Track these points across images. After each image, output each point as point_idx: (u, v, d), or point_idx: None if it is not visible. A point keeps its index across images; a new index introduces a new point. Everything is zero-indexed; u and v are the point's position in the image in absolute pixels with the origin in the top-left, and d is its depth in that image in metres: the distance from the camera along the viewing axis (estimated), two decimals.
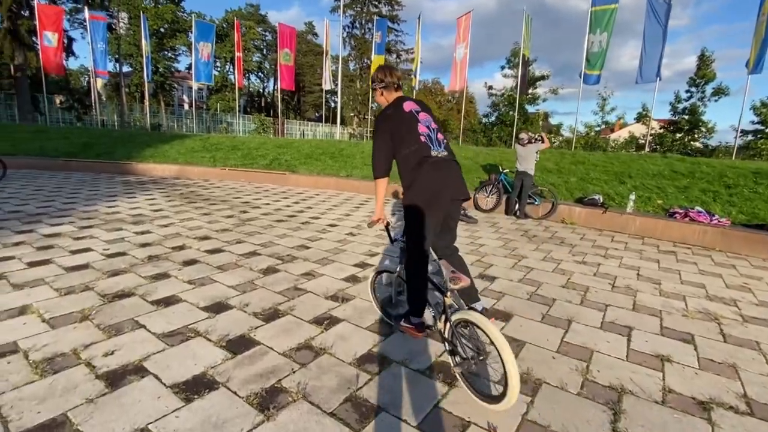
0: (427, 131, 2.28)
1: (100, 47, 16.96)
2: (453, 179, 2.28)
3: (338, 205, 7.95)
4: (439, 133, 2.34)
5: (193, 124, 30.92)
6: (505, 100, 21.36)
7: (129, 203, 6.91)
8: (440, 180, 2.21)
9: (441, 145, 2.31)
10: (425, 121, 2.31)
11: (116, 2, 46.58)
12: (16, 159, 11.21)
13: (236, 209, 6.94)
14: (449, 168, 2.28)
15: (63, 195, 7.37)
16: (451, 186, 2.27)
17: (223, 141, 14.66)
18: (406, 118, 2.29)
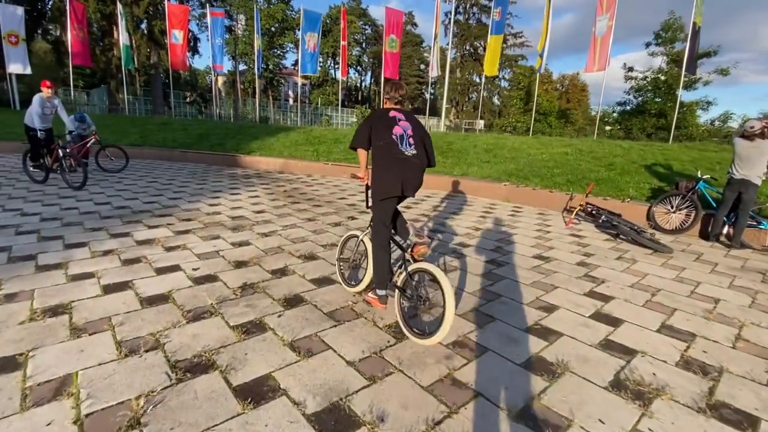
0: (401, 132, 2.68)
1: (218, 42, 17.77)
2: (407, 172, 2.62)
3: (458, 211, 6.46)
4: (412, 138, 2.70)
5: (297, 118, 32.14)
6: (651, 85, 17.53)
7: (232, 201, 6.28)
8: (398, 173, 2.61)
9: (411, 146, 2.68)
10: (403, 126, 2.72)
11: (235, 5, 50.89)
12: (141, 149, 11.87)
13: (343, 214, 5.87)
14: (408, 165, 2.63)
15: (172, 189, 7.09)
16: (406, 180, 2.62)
17: (326, 134, 14.11)
18: (388, 119, 2.72)
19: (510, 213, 6.55)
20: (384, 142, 2.63)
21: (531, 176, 7.83)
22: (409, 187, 2.63)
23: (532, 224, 5.84)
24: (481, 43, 44.13)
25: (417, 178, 2.66)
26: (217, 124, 16.45)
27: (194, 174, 9.11)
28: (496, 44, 14.45)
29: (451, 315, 2.26)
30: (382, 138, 2.64)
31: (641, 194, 6.45)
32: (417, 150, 2.67)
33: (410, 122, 2.76)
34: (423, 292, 2.51)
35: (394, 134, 2.65)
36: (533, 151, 10.01)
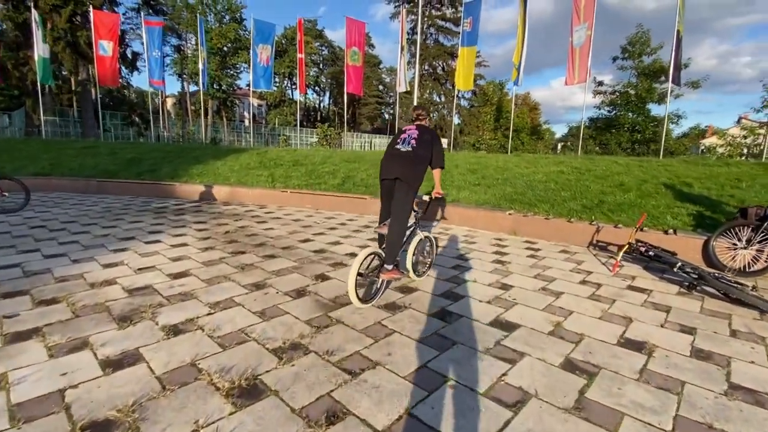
0: (406, 137, 3.43)
1: (155, 56, 15.61)
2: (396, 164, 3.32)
3: (463, 253, 4.88)
4: (414, 140, 3.38)
5: (251, 138, 29.97)
6: (622, 99, 17.24)
7: (142, 256, 4.33)
8: (385, 163, 3.42)
9: (408, 144, 3.37)
10: (410, 133, 3.46)
11: (184, 24, 48.46)
12: (49, 179, 9.49)
13: (308, 269, 4.09)
14: (399, 156, 3.34)
15: (60, 237, 5.00)
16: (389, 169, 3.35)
17: (283, 155, 12.29)
18: (399, 133, 3.55)
19: (528, 252, 5.06)
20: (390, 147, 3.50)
21: (536, 201, 6.46)
22: (390, 171, 3.33)
23: (566, 270, 4.36)
24: (440, 62, 44.33)
25: (400, 166, 3.29)
26: (154, 146, 14.15)
27: (108, 211, 6.97)
28: (469, 56, 13.44)
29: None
30: (392, 145, 3.50)
31: (683, 223, 5.20)
32: (414, 148, 3.34)
33: (418, 130, 3.47)
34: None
35: (399, 139, 3.47)
36: (523, 171, 8.75)
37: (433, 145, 3.42)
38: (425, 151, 3.36)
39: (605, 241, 5.29)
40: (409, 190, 3.23)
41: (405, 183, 3.22)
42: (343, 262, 4.34)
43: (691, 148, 15.97)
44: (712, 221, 5.15)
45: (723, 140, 14.55)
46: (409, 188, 3.23)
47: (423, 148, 3.35)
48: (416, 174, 3.27)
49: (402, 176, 3.22)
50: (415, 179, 3.26)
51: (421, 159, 3.32)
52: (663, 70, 16.57)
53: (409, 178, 3.22)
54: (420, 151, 3.32)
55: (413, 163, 3.27)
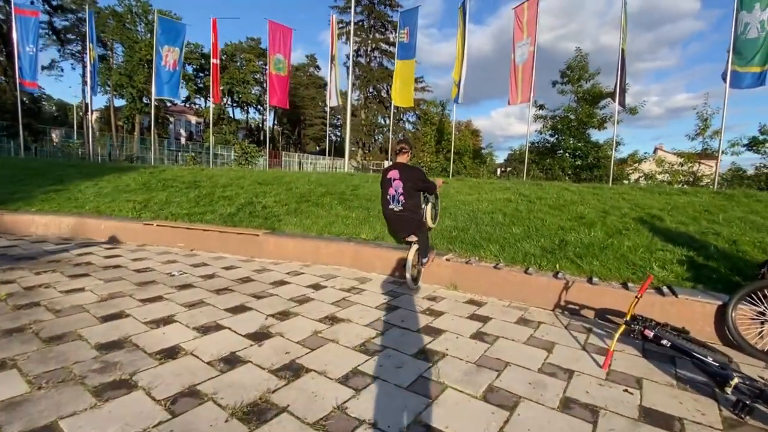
0: (394, 193, 3.94)
1: (29, 51, 12.66)
2: (395, 225, 4.12)
3: (378, 327, 3.06)
4: (402, 196, 3.91)
5: (179, 158, 26.93)
6: (562, 124, 16.79)
7: None
8: (389, 224, 4.22)
9: (398, 203, 3.92)
10: (396, 186, 3.92)
11: (110, 33, 44.26)
12: None
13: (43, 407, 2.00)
14: (395, 218, 4.02)
15: None
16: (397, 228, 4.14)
17: (182, 175, 9.97)
18: (386, 181, 4.01)
19: (471, 325, 3.33)
20: (383, 198, 4.09)
21: (482, 241, 4.85)
22: (397, 234, 4.24)
23: (530, 367, 2.64)
24: (384, 85, 43.83)
25: (402, 228, 4.08)
26: (15, 163, 11.12)
27: None
28: (406, 70, 12.12)
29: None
30: (383, 195, 4.08)
31: (676, 276, 3.77)
32: (404, 206, 3.93)
33: (401, 180, 3.92)
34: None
35: (389, 194, 3.98)
36: (465, 198, 7.26)
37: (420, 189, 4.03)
38: (414, 197, 3.95)
39: (578, 302, 3.72)
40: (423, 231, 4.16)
41: (418, 234, 4.11)
42: (134, 383, 2.29)
43: (632, 174, 15.84)
44: (711, 272, 3.79)
45: (661, 167, 14.53)
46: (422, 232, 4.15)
47: (411, 197, 3.93)
48: (418, 223, 4.07)
49: (414, 233, 4.10)
50: (420, 227, 4.09)
51: (414, 209, 3.98)
52: (602, 95, 16.51)
53: (417, 230, 4.09)
54: (409, 203, 3.93)
55: (411, 218, 3.98)
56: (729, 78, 8.48)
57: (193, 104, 52.63)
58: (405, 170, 3.93)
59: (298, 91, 54.62)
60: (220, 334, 2.95)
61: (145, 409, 2.00)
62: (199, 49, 45.21)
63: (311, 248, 5.23)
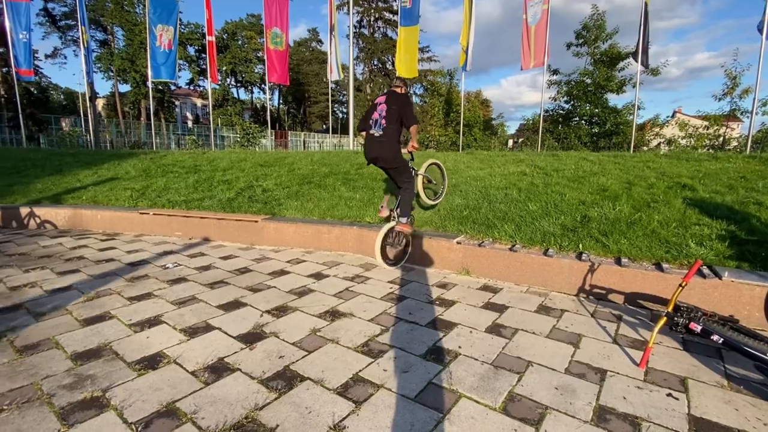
0: (377, 117, 3.77)
1: (22, 38, 12.29)
2: (374, 148, 3.81)
3: (400, 319, 2.76)
4: (383, 119, 3.74)
5: (185, 142, 26.75)
6: (578, 89, 15.84)
7: None
8: (366, 147, 3.89)
9: (380, 127, 3.75)
10: (380, 111, 3.78)
11: (109, 16, 43.48)
12: None
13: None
14: (377, 143, 3.78)
15: None
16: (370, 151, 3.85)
17: (183, 160, 9.71)
18: (372, 107, 3.90)
19: (486, 315, 3.01)
20: (366, 124, 3.91)
21: (496, 220, 4.46)
22: (370, 158, 3.90)
23: (553, 366, 2.32)
24: (389, 57, 42.47)
25: (379, 152, 3.80)
26: (15, 152, 10.97)
27: None
28: (410, 38, 11.41)
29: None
30: (366, 120, 3.93)
31: (716, 254, 3.35)
32: (384, 129, 3.74)
33: (387, 104, 3.77)
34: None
35: (372, 119, 3.83)
36: (477, 173, 6.83)
37: (401, 110, 3.73)
38: (395, 123, 3.74)
39: (605, 286, 3.36)
40: (399, 166, 3.92)
41: (392, 167, 3.94)
42: (107, 401, 2.04)
43: (653, 140, 14.96)
44: (758, 248, 3.36)
45: (684, 131, 13.64)
46: (397, 166, 3.92)
47: (392, 122, 3.74)
48: (394, 152, 3.81)
49: (385, 163, 3.90)
50: (396, 157, 3.85)
51: (392, 134, 3.76)
52: (620, 56, 15.43)
53: (391, 160, 3.85)
54: (390, 128, 3.74)
55: (389, 144, 3.75)
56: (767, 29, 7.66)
57: (197, 86, 52.04)
58: (393, 95, 3.86)
59: (301, 67, 53.42)
60: (208, 337, 2.69)
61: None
62: (200, 30, 44.25)
63: (313, 233, 4.93)
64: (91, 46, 14.75)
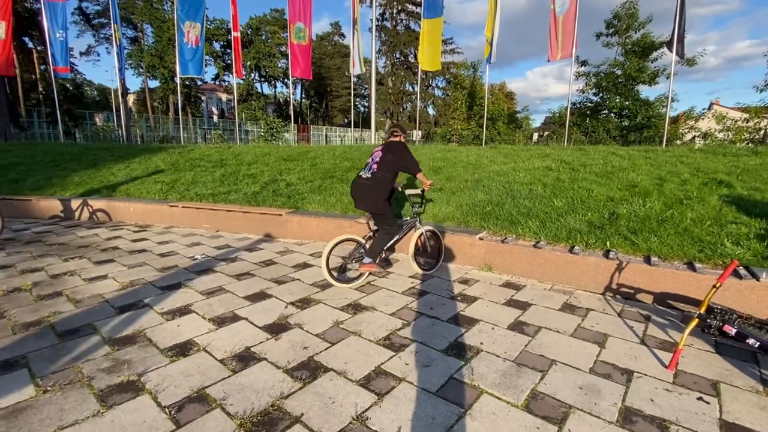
0: (370, 162, 3.57)
1: (59, 37, 12.85)
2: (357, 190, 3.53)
3: (420, 314, 2.79)
4: (375, 164, 3.51)
5: (210, 136, 27.53)
6: (608, 80, 15.30)
7: None
8: (352, 187, 3.60)
9: (369, 170, 3.52)
10: (373, 157, 3.60)
11: (139, 14, 44.71)
12: None
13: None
14: (359, 185, 3.52)
15: None
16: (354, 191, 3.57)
17: (210, 154, 9.95)
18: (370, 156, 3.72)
19: (509, 312, 2.99)
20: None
21: (520, 216, 4.40)
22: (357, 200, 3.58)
23: (578, 366, 2.29)
24: (411, 50, 42.07)
25: (360, 195, 3.52)
26: (52, 147, 11.51)
27: None
28: (433, 30, 11.29)
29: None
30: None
31: (754, 254, 3.21)
32: (374, 173, 3.48)
33: (383, 152, 3.57)
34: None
35: (367, 163, 3.62)
36: (500, 168, 6.72)
37: (399, 160, 3.53)
38: (387, 171, 3.50)
39: (633, 285, 3.27)
40: (381, 216, 3.57)
41: (375, 213, 3.60)
42: (142, 385, 2.15)
43: (687, 133, 14.27)
44: None
45: (721, 124, 12.96)
46: (380, 214, 3.56)
47: (384, 169, 3.50)
48: (379, 199, 3.49)
49: (369, 208, 3.61)
50: (380, 206, 3.51)
51: (381, 181, 3.47)
52: (653, 46, 14.75)
53: (374, 207, 3.53)
54: (380, 174, 3.48)
55: (374, 190, 3.47)
56: None
57: (222, 82, 53.06)
58: (390, 145, 3.62)
59: (323, 61, 53.65)
60: (236, 326, 2.78)
61: (149, 418, 1.84)
62: (225, 25, 44.99)
63: (335, 227, 4.99)
64: (123, 43, 15.37)
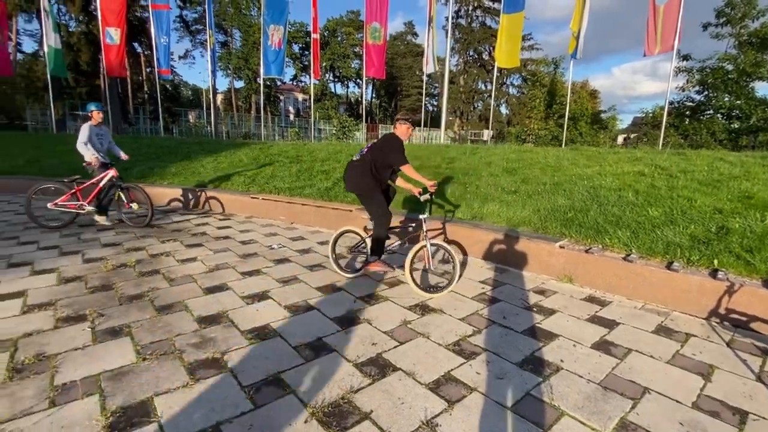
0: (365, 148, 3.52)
1: (163, 41, 14.44)
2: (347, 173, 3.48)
3: (490, 322, 2.68)
4: (367, 149, 3.48)
5: (288, 134, 29.30)
6: (716, 77, 13.47)
7: None
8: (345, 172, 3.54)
9: (360, 154, 3.47)
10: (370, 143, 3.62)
11: (229, 20, 48.71)
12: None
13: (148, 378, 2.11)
14: (350, 167, 3.47)
15: None
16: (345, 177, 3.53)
17: (287, 150, 10.51)
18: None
19: (591, 321, 2.73)
20: None
21: (607, 225, 4.02)
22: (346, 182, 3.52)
23: (680, 382, 2.01)
24: (486, 47, 40.82)
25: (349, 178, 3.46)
26: (154, 141, 12.97)
27: (13, 224, 5.45)
28: (512, 25, 10.78)
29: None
30: None
31: None
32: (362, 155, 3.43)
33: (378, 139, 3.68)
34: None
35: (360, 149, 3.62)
36: (582, 171, 6.23)
37: (386, 155, 3.38)
38: (375, 156, 3.39)
39: (747, 312, 2.82)
40: (365, 198, 3.42)
41: (359, 195, 3.46)
42: (224, 363, 2.30)
43: None
44: None
45: None
46: (364, 198, 3.43)
47: (372, 153, 3.42)
48: (362, 181, 3.38)
49: (353, 188, 3.49)
50: (362, 186, 3.39)
51: (368, 164, 3.37)
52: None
53: (357, 187, 3.43)
54: (368, 156, 3.41)
55: (359, 170, 3.39)
56: None
57: (299, 82, 55.87)
58: (385, 135, 3.64)
59: (395, 61, 54.17)
60: (309, 316, 2.87)
61: (231, 395, 1.95)
62: (304, 28, 47.28)
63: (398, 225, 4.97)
64: (215, 47, 16.89)
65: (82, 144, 5.09)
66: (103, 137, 5.45)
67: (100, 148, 5.33)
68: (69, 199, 5.20)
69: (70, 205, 5.21)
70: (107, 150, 5.49)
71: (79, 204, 5.23)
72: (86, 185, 5.30)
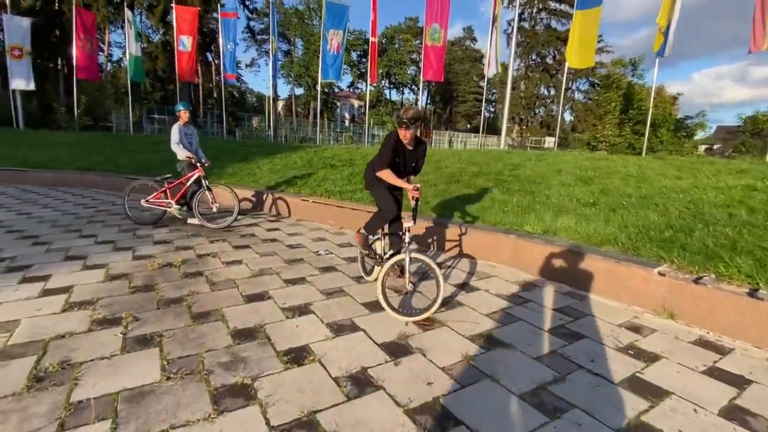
0: None
1: (229, 48, 15.10)
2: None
3: (577, 366, 2.15)
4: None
5: (342, 139, 29.84)
6: None
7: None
8: None
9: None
10: None
11: (293, 29, 50.91)
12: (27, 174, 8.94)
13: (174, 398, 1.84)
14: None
15: None
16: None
17: (340, 153, 10.41)
18: None
19: (710, 374, 2.08)
20: None
21: (719, 248, 3.25)
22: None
23: None
24: (550, 50, 38.85)
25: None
26: (218, 143, 13.51)
27: (70, 215, 5.67)
28: (587, 22, 9.83)
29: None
30: None
31: None
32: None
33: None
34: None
35: None
36: (674, 183, 5.34)
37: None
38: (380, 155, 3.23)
39: None
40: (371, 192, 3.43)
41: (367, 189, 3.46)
42: (254, 392, 1.98)
43: None
44: None
45: None
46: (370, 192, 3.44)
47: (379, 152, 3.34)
48: (368, 176, 3.35)
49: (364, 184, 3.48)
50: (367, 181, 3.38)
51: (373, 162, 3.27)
52: None
53: (365, 182, 3.44)
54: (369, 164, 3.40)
55: (369, 167, 3.33)
56: None
57: (356, 89, 56.93)
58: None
59: (452, 66, 53.44)
60: (353, 338, 2.50)
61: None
62: (363, 36, 48.09)
63: (452, 234, 4.47)
64: (278, 55, 17.50)
65: (174, 144, 5.25)
66: (191, 137, 5.60)
67: (188, 147, 5.43)
68: (160, 197, 5.35)
69: (161, 203, 5.35)
70: (194, 151, 5.56)
71: (167, 202, 5.35)
72: (174, 184, 5.42)
